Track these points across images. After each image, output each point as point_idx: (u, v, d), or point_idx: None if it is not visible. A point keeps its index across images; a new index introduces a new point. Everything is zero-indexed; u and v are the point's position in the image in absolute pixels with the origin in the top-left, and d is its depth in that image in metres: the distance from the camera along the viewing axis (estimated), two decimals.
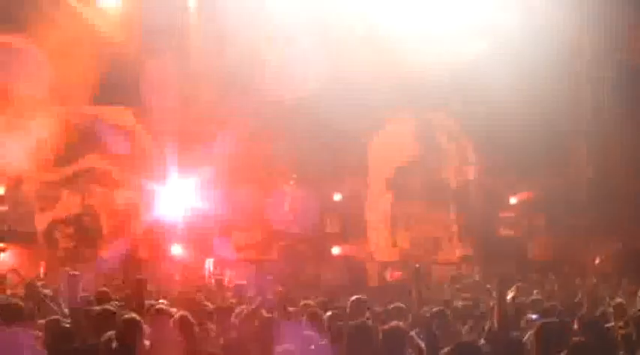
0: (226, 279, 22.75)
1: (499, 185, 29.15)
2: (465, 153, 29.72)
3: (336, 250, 29.13)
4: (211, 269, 26.03)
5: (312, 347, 10.45)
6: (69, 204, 28.47)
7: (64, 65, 26.25)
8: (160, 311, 10.32)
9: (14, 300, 12.55)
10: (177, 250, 27.27)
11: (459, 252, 29.23)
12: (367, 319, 10.61)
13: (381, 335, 8.95)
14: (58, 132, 27.24)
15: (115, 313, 10.60)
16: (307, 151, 28.68)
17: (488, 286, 19.35)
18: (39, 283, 15.33)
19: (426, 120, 29.65)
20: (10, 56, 26.02)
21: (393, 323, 9.45)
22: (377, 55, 26.98)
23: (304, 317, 11.95)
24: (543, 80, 26.39)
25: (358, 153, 29.11)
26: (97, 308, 11.22)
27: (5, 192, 27.74)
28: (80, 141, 27.86)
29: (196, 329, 10.30)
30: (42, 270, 25.73)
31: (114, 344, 9.51)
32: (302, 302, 13.97)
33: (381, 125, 29.26)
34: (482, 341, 10.41)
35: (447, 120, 29.59)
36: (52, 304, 13.16)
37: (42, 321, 11.14)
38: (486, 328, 10.69)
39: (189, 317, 10.15)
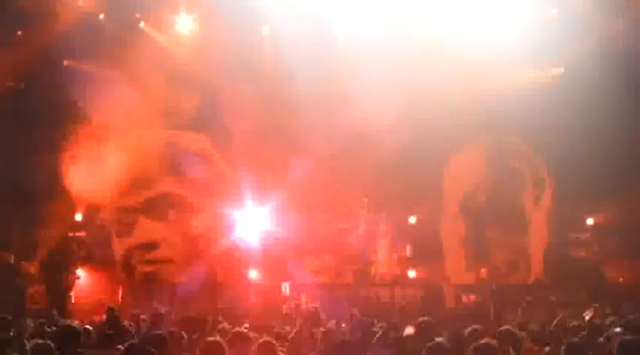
0: (303, 303, 22.89)
1: (574, 209, 28.88)
2: (540, 177, 29.48)
3: (411, 273, 29.04)
4: (288, 293, 26.19)
5: None
6: (146, 229, 28.72)
7: (141, 91, 26.59)
8: (239, 335, 10.37)
9: (90, 326, 12.79)
10: (253, 274, 27.40)
11: (533, 275, 28.99)
12: (448, 341, 10.64)
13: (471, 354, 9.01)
14: (134, 157, 27.45)
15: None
16: (381, 175, 28.67)
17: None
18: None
19: (501, 144, 29.49)
20: (89, 84, 26.35)
21: (485, 340, 9.48)
22: (452, 79, 26.91)
23: (375, 340, 12.02)
24: (620, 104, 26.11)
25: (433, 177, 28.95)
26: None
27: (83, 219, 28.10)
28: (156, 166, 28.12)
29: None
30: (120, 295, 26.17)
31: None
32: (378, 324, 14.03)
33: (456, 148, 29.15)
34: None
35: (522, 144, 29.39)
36: (131, 329, 13.38)
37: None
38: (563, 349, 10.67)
39: (273, 342, 10.11)
